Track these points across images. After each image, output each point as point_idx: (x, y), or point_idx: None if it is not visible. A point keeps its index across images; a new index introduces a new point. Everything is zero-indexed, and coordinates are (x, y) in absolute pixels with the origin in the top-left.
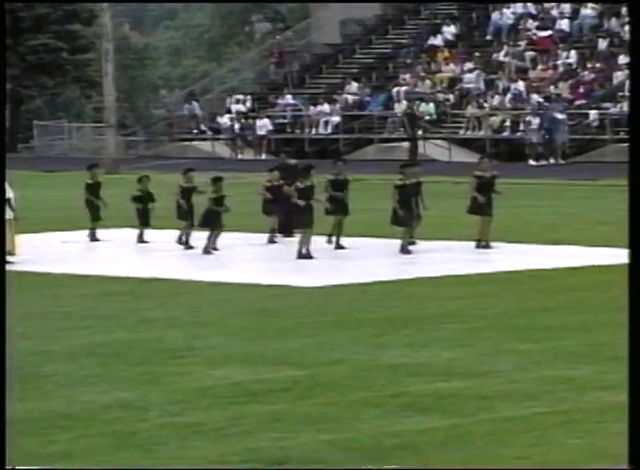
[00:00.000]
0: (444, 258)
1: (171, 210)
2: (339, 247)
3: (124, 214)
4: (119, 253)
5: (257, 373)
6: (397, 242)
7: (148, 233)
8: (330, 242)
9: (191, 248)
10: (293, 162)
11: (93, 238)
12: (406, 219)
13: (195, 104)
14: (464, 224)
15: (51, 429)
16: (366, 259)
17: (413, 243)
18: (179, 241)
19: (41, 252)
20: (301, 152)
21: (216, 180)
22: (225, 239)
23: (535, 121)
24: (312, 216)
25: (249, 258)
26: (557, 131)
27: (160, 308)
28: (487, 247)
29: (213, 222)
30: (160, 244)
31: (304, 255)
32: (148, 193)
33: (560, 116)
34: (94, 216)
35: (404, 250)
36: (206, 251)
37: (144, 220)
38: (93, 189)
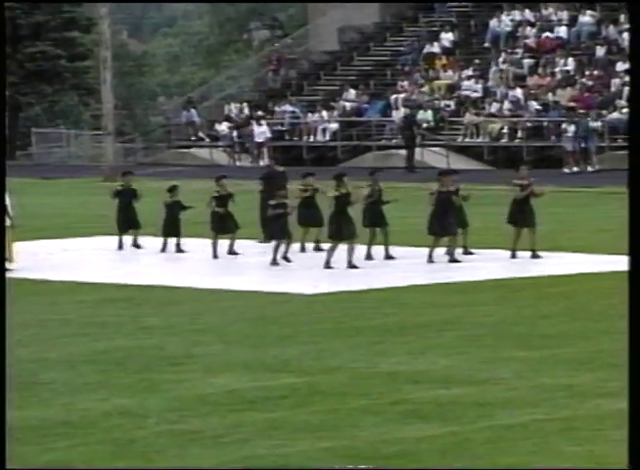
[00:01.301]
0: (442, 265)
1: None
2: (388, 257)
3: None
4: (118, 260)
5: (256, 380)
6: (396, 249)
7: (149, 241)
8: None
9: (236, 254)
10: (280, 169)
11: (134, 244)
12: (441, 228)
13: (193, 111)
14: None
15: (49, 437)
16: (364, 267)
17: (470, 252)
18: (230, 251)
19: (40, 259)
20: (299, 159)
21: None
22: (223, 246)
23: (571, 129)
24: (347, 226)
25: (248, 265)
26: (591, 139)
27: (160, 316)
28: (537, 256)
29: (281, 232)
30: (157, 251)
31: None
32: (177, 202)
33: (594, 124)
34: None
35: (451, 258)
36: (275, 262)
37: (174, 230)
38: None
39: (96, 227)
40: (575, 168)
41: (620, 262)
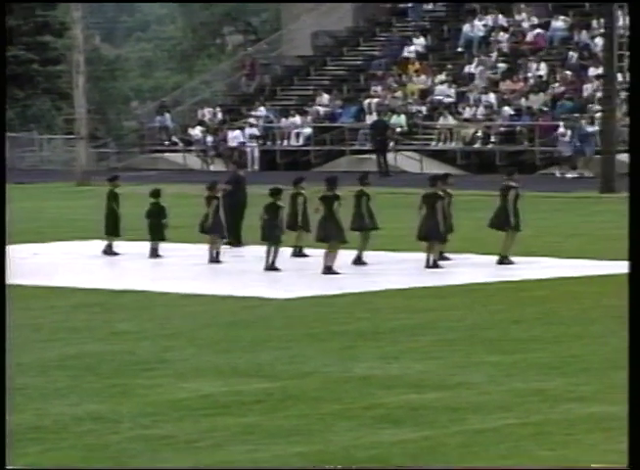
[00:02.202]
0: (415, 269)
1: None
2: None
3: (96, 227)
4: (90, 265)
5: (229, 385)
6: (369, 253)
7: (122, 245)
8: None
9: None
10: (242, 173)
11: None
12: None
13: (167, 115)
14: None
15: (22, 442)
16: (343, 272)
17: (446, 258)
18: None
19: (12, 264)
20: (273, 163)
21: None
22: (196, 251)
23: (568, 134)
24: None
25: (220, 269)
26: (587, 144)
27: (132, 321)
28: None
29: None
30: (130, 256)
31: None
32: (161, 207)
33: (591, 129)
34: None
35: (435, 264)
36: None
37: (158, 235)
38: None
39: (68, 232)
40: (571, 174)
41: (592, 267)
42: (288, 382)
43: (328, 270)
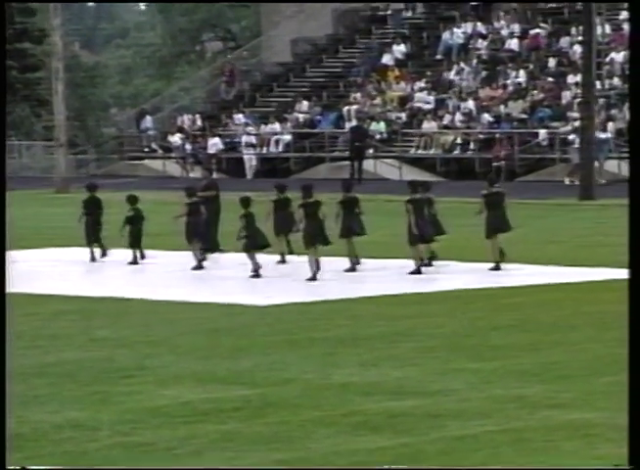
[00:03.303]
0: (394, 276)
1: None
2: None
3: (74, 234)
4: (69, 272)
5: (208, 392)
6: (347, 260)
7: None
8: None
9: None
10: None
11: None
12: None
13: (148, 118)
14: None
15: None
16: (317, 279)
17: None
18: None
19: None
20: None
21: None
22: (176, 257)
23: (577, 141)
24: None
25: (200, 276)
26: (600, 151)
27: (111, 328)
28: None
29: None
30: (109, 263)
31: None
32: (139, 213)
33: (603, 135)
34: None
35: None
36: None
37: (136, 241)
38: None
39: (47, 239)
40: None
41: (572, 274)
42: (267, 389)
43: (314, 277)
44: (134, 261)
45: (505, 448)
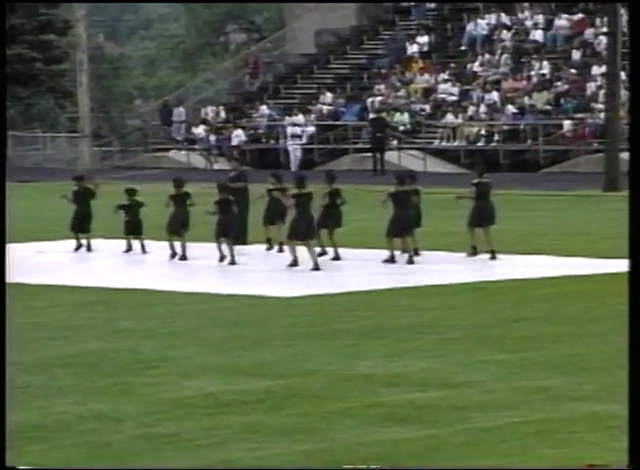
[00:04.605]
0: (418, 268)
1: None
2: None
3: (99, 225)
4: (93, 263)
5: (232, 384)
6: (378, 252)
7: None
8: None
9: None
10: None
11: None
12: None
13: (181, 109)
14: (439, 234)
15: (24, 440)
16: (340, 270)
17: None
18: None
19: (15, 262)
20: (276, 163)
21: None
22: (199, 249)
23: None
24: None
25: (223, 268)
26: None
27: (134, 319)
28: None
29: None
30: (134, 254)
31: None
32: (138, 203)
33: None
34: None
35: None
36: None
37: (135, 230)
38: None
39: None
40: None
41: (596, 266)
42: (291, 380)
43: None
44: (128, 250)
45: (530, 440)
